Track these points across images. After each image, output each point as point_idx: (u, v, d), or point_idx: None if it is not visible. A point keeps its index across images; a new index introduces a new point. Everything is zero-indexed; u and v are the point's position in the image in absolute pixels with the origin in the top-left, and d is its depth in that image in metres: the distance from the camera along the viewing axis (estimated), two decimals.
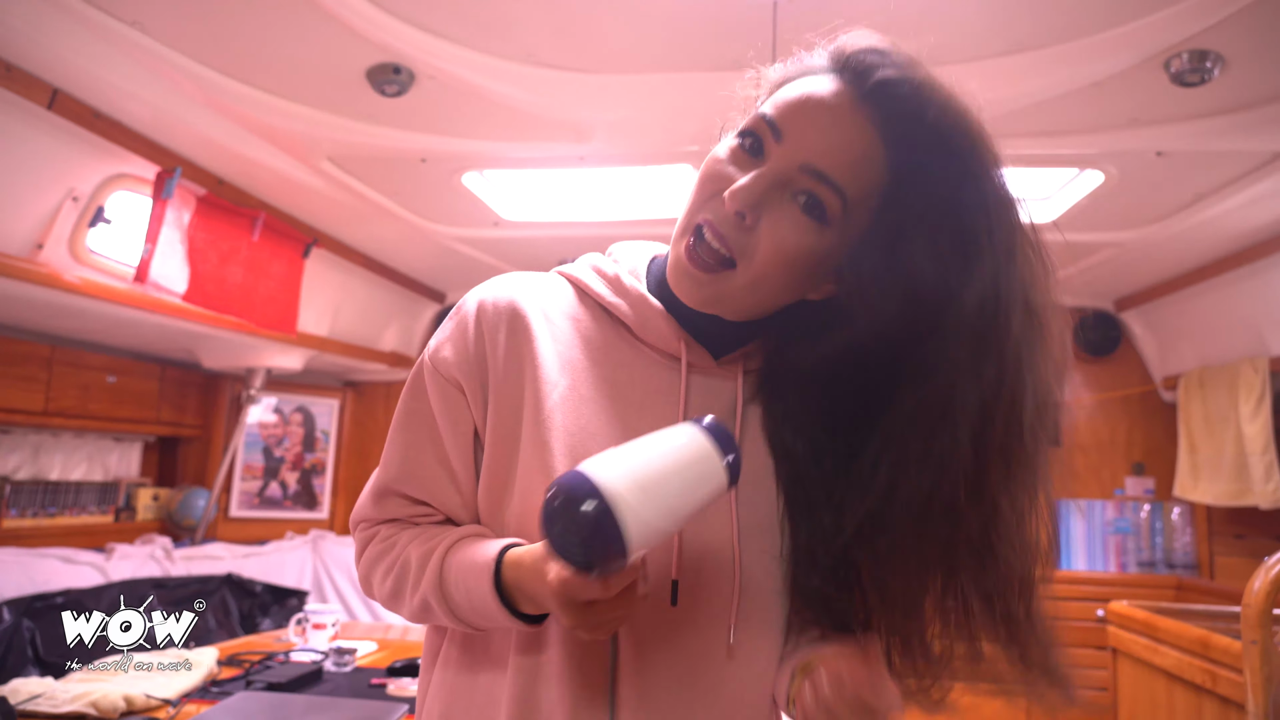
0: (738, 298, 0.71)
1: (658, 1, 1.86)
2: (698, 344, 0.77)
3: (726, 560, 0.74)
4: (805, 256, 0.69)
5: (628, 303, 0.78)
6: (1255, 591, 1.53)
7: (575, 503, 0.57)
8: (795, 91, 0.70)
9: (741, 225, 0.69)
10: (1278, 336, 3.18)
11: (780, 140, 0.68)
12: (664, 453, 0.62)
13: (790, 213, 0.68)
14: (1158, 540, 3.98)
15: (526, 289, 0.81)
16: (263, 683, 1.89)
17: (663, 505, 0.60)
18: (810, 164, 0.67)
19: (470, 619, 0.73)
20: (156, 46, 2.04)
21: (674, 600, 0.72)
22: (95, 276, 2.53)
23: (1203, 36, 1.87)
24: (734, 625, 0.73)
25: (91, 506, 3.48)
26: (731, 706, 0.73)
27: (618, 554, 0.58)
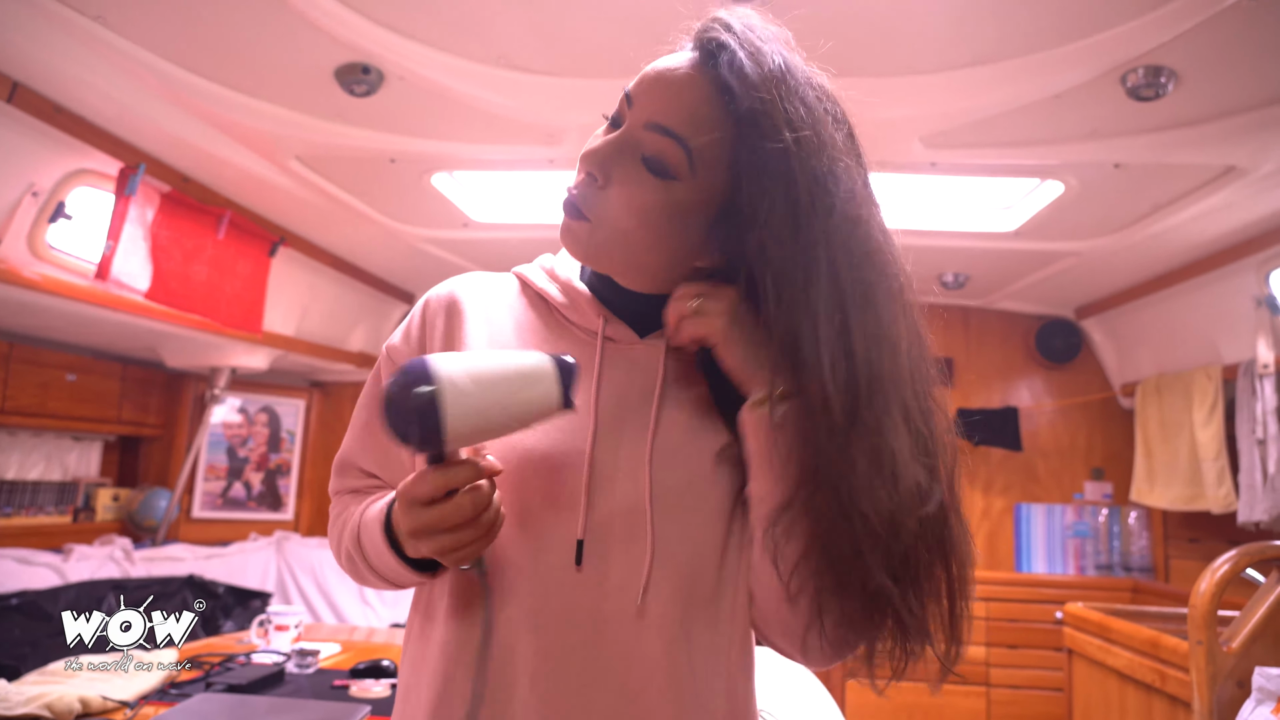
0: (609, 254, 0.77)
1: (629, 6, 1.87)
2: (620, 321, 0.82)
3: (639, 523, 0.74)
4: (657, 210, 0.73)
5: (558, 287, 0.85)
6: (1201, 594, 1.57)
7: (409, 383, 0.63)
8: (651, 66, 0.76)
9: (594, 185, 0.75)
10: (1231, 345, 3.26)
11: (632, 106, 0.75)
12: (506, 360, 0.68)
13: (636, 171, 0.74)
14: (1115, 544, 4.06)
15: (470, 284, 0.89)
16: (223, 684, 1.87)
17: (489, 397, 0.65)
18: (654, 121, 0.73)
19: (380, 570, 0.79)
20: (120, 41, 2.01)
21: (578, 560, 0.73)
22: (55, 273, 2.49)
23: (1157, 52, 1.92)
24: (645, 588, 0.72)
25: (49, 507, 3.42)
26: (642, 668, 0.72)
27: (435, 429, 0.63)
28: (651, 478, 0.75)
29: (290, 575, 3.96)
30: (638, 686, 0.71)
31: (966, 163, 2.60)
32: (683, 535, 0.74)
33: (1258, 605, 1.62)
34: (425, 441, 0.64)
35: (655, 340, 0.81)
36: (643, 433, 0.77)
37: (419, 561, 0.75)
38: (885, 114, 2.29)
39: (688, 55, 0.75)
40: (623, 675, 0.71)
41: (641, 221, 0.73)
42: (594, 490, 0.74)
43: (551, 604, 0.72)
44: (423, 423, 0.63)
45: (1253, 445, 3.09)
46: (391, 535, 0.75)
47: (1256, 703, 1.50)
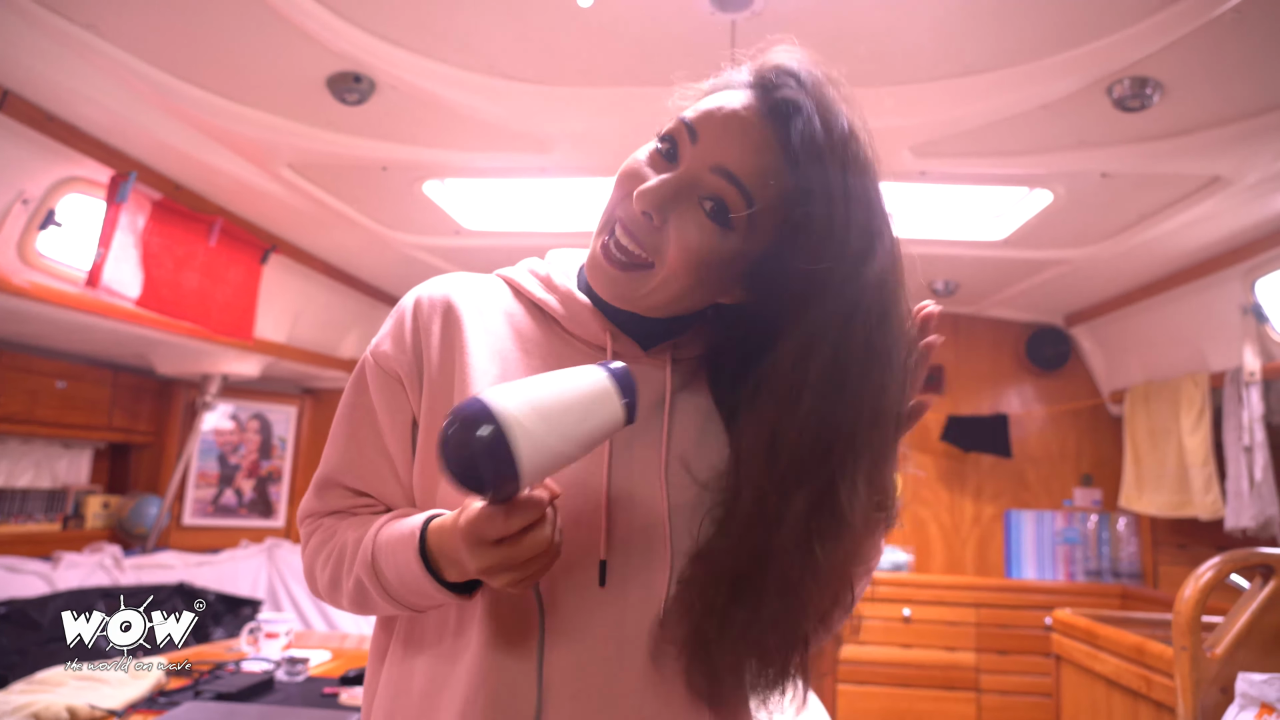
0: (650, 297, 0.75)
1: (619, 16, 1.88)
2: (625, 336, 0.81)
3: (658, 540, 0.74)
4: (710, 258, 0.72)
5: (557, 298, 0.82)
6: (1185, 600, 1.58)
7: (470, 425, 0.60)
8: (714, 101, 0.73)
9: (650, 225, 0.73)
10: (1218, 353, 3.28)
11: (695, 142, 0.72)
12: (562, 384, 0.65)
13: (696, 215, 0.72)
14: (1104, 550, 4.08)
15: (462, 286, 0.85)
16: (212, 693, 1.87)
17: (556, 430, 0.62)
18: (721, 164, 0.71)
19: (402, 596, 0.75)
20: (111, 49, 2.02)
21: (602, 581, 0.73)
22: (45, 280, 2.49)
23: (1143, 64, 1.94)
24: (665, 603, 0.73)
25: (38, 514, 3.40)
26: (659, 690, 0.72)
27: (509, 474, 0.60)
28: (668, 492, 0.75)
29: (281, 582, 3.95)
30: (660, 701, 0.72)
31: (956, 172, 2.62)
32: (698, 547, 0.74)
33: (1241, 611, 1.63)
34: (498, 488, 0.61)
35: (660, 353, 0.81)
36: (656, 447, 0.77)
37: (458, 588, 0.73)
38: (875, 123, 2.27)
39: (748, 97, 0.73)
40: (640, 697, 0.72)
41: (694, 268, 0.72)
42: (613, 507, 0.75)
43: (575, 623, 0.73)
44: (496, 469, 0.60)
45: (1239, 452, 3.11)
46: (425, 557, 0.72)
47: (1240, 708, 1.51)
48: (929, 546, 4.26)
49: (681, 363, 0.82)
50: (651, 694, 0.72)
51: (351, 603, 0.80)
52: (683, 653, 0.72)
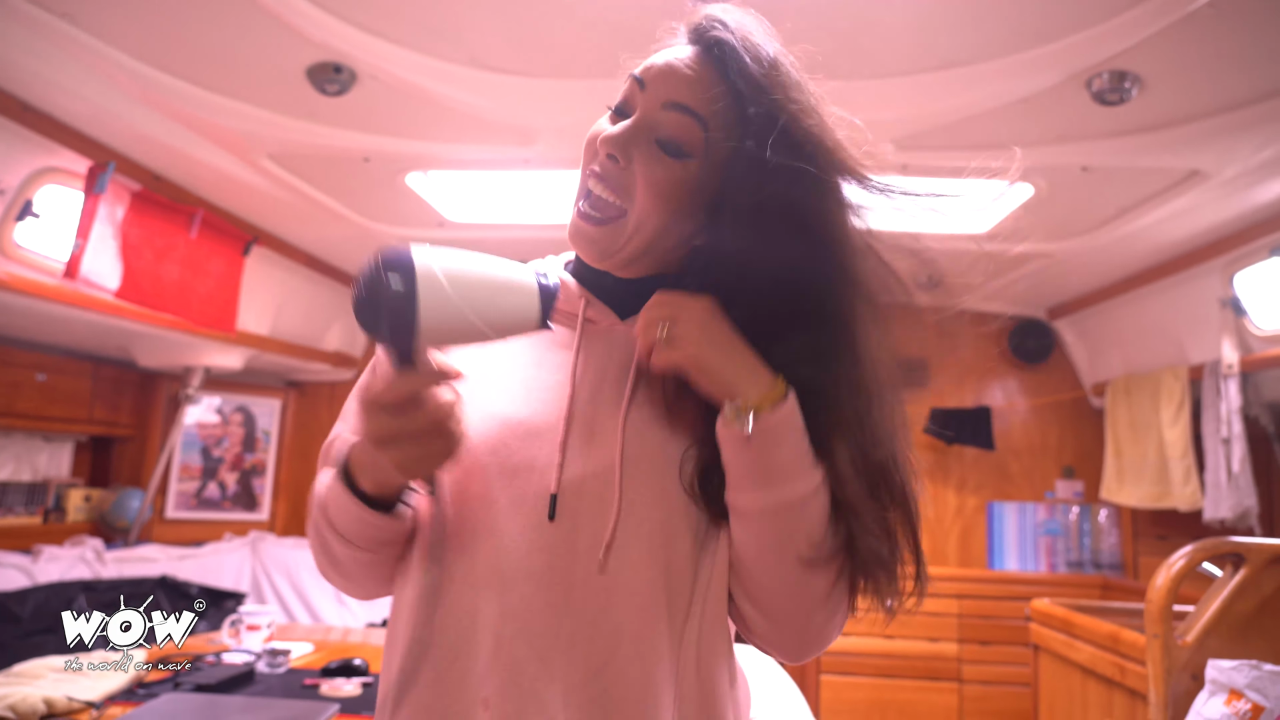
0: (629, 245, 0.80)
1: (602, 8, 1.88)
2: (601, 303, 0.86)
3: (610, 483, 0.76)
4: (676, 189, 0.78)
5: None
6: (1157, 588, 1.60)
7: (385, 267, 0.60)
8: (656, 56, 0.82)
9: (618, 168, 0.79)
10: (1197, 346, 3.31)
11: (644, 89, 0.79)
12: (491, 266, 0.65)
13: (656, 153, 0.78)
14: (1085, 541, 4.11)
15: None
16: (191, 684, 1.87)
17: (467, 298, 0.62)
18: (670, 99, 0.78)
19: (339, 524, 0.77)
20: (89, 39, 2.00)
21: (552, 515, 0.75)
22: (23, 272, 2.46)
23: (1121, 58, 1.96)
24: (609, 543, 0.74)
25: (18, 508, 3.38)
26: (610, 634, 0.73)
27: (407, 322, 0.60)
28: (624, 441, 0.77)
29: (265, 576, 3.94)
30: (604, 654, 0.72)
31: (937, 165, 2.63)
32: (656, 501, 0.76)
33: (1212, 599, 1.66)
34: (395, 335, 0.61)
35: (635, 321, 0.83)
36: (618, 403, 0.80)
37: (376, 505, 0.74)
38: (857, 116, 2.31)
39: (689, 45, 0.81)
40: (588, 641, 0.72)
41: (663, 201, 0.77)
42: (569, 451, 0.77)
43: (521, 563, 0.74)
44: (394, 317, 0.60)
45: (1218, 444, 3.14)
46: (349, 479, 0.75)
47: (1210, 695, 1.53)
48: None
49: None
50: (600, 641, 0.73)
51: (320, 556, 0.83)
52: None
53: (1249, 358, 3.02)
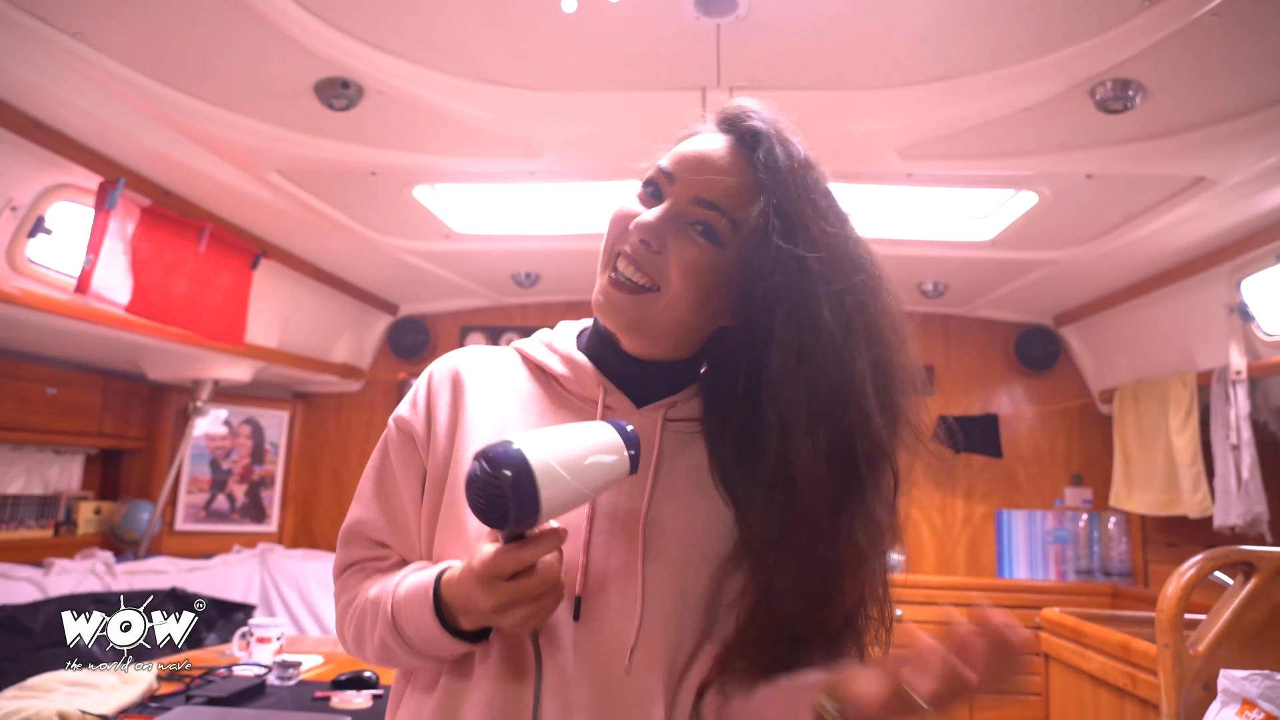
0: (659, 319, 0.82)
1: (606, 22, 1.89)
2: (618, 390, 0.87)
3: (631, 582, 0.78)
4: (708, 271, 0.81)
5: (558, 359, 0.90)
6: (1168, 597, 1.60)
7: (497, 464, 0.66)
8: (685, 146, 0.84)
9: (650, 252, 0.81)
10: (1205, 352, 3.30)
11: (674, 182, 0.82)
12: (577, 434, 0.72)
13: (690, 237, 0.81)
14: (1095, 549, 4.10)
15: (471, 357, 0.94)
16: (203, 697, 1.87)
17: (572, 474, 0.69)
18: (699, 196, 0.81)
19: (421, 649, 0.79)
20: (99, 57, 2.02)
21: (576, 616, 0.77)
22: (35, 287, 2.49)
23: (1125, 66, 1.96)
24: (635, 645, 0.77)
25: (30, 520, 3.40)
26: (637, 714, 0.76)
27: (531, 510, 0.66)
28: (645, 540, 0.79)
29: (274, 587, 3.94)
30: None
31: (942, 173, 2.64)
32: (669, 598, 0.79)
33: (1223, 608, 1.65)
34: (518, 523, 0.67)
35: (652, 411, 0.86)
36: (638, 496, 0.82)
37: (469, 633, 0.77)
38: (862, 126, 2.32)
39: (716, 134, 0.84)
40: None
41: (695, 282, 0.80)
42: (592, 549, 0.79)
43: (562, 662, 0.76)
44: (520, 505, 0.66)
45: (1227, 451, 3.13)
46: (439, 612, 0.77)
47: (1222, 704, 1.53)
48: (920, 547, 4.27)
49: (675, 424, 0.87)
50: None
51: (377, 659, 0.85)
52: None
53: (1257, 363, 3.01)
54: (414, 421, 0.89)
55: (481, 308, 4.54)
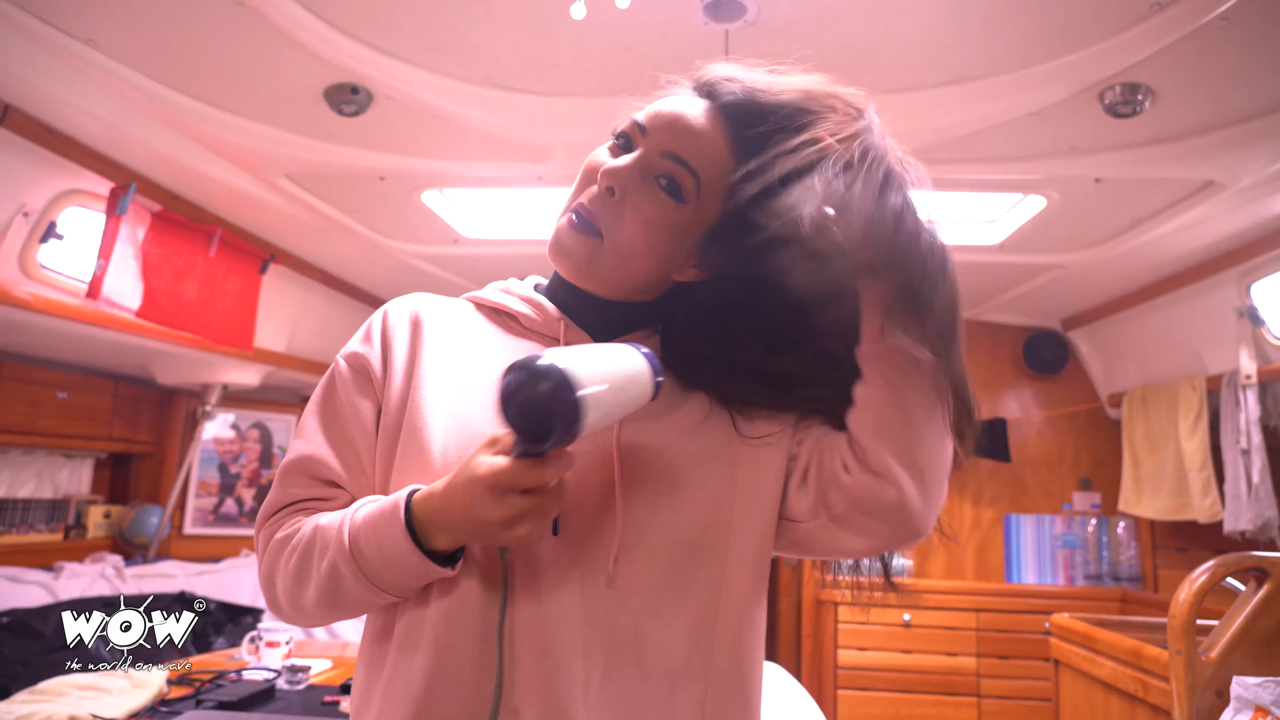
0: (608, 267, 0.83)
1: (614, 28, 1.90)
2: (577, 326, 0.87)
3: (609, 497, 0.79)
4: (665, 228, 0.81)
5: (516, 298, 0.90)
6: (1180, 604, 1.59)
7: (539, 377, 0.65)
8: (661, 103, 0.85)
9: (610, 201, 0.81)
10: (1214, 356, 3.29)
11: (645, 135, 0.82)
12: (612, 355, 0.72)
13: (651, 191, 0.81)
14: (1104, 554, 4.08)
15: (428, 299, 0.93)
16: (213, 701, 1.88)
17: (614, 392, 0.69)
18: (669, 150, 0.81)
19: (381, 574, 0.75)
20: (110, 64, 2.04)
21: (555, 530, 0.77)
22: (46, 292, 2.50)
23: (1133, 70, 1.96)
24: (615, 557, 0.77)
25: (40, 524, 3.42)
26: (615, 629, 0.76)
27: (574, 424, 0.65)
28: (619, 457, 0.80)
29: None
30: (620, 659, 0.75)
31: (949, 178, 2.63)
32: (651, 511, 0.79)
33: (1236, 615, 1.64)
34: (561, 439, 0.66)
35: None
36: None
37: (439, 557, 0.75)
38: None
39: (691, 95, 0.85)
40: (604, 648, 0.75)
41: (649, 236, 0.81)
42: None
43: (531, 579, 0.76)
44: (566, 423, 0.65)
45: (1237, 455, 3.11)
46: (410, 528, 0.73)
47: (1235, 712, 1.52)
48: (929, 551, 4.26)
49: None
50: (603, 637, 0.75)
51: (320, 595, 0.79)
52: None
53: (1267, 368, 3.00)
54: (369, 356, 0.87)
55: None
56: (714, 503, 0.80)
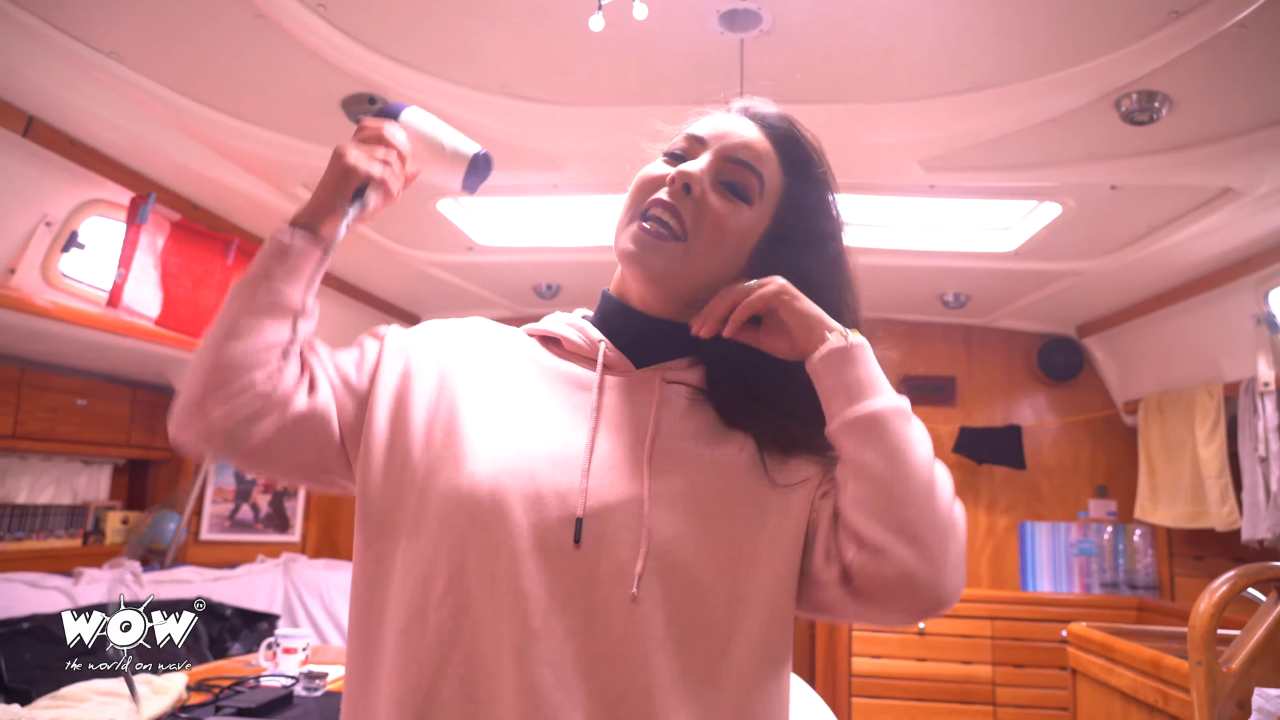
0: (684, 269, 0.84)
1: (630, 38, 1.91)
2: (616, 349, 0.88)
3: (636, 514, 0.76)
4: (736, 229, 0.85)
5: (559, 325, 0.93)
6: (1200, 614, 1.58)
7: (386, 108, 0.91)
8: (710, 119, 0.90)
9: (689, 199, 0.84)
10: (1232, 363, 3.27)
11: (705, 145, 0.87)
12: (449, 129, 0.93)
13: (721, 191, 0.85)
14: (1120, 562, 4.05)
15: (481, 324, 0.98)
16: (232, 708, 1.89)
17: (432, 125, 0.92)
18: (734, 155, 0.86)
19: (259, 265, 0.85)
20: (132, 75, 2.06)
21: (577, 539, 0.74)
22: (68, 301, 2.53)
23: (1151, 78, 1.96)
24: (640, 576, 0.74)
25: (59, 530, 3.44)
26: (623, 651, 0.73)
27: (398, 109, 0.91)
28: (650, 476, 0.78)
29: (297, 597, 3.97)
30: (623, 684, 0.72)
31: (965, 185, 2.63)
32: (677, 536, 0.76)
33: (1257, 626, 1.63)
34: (386, 114, 0.90)
35: (651, 372, 0.87)
36: (640, 444, 0.81)
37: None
38: (885, 138, 2.33)
39: (748, 119, 0.89)
40: (608, 670, 0.72)
41: (723, 236, 0.84)
42: (593, 479, 0.77)
43: (544, 589, 0.73)
44: (394, 108, 0.91)
45: (1255, 463, 3.09)
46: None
47: None
48: None
49: (675, 386, 0.87)
50: (620, 671, 0.72)
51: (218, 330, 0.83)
52: None
53: None
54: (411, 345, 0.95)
55: (503, 319, 4.53)
56: (738, 545, 0.78)
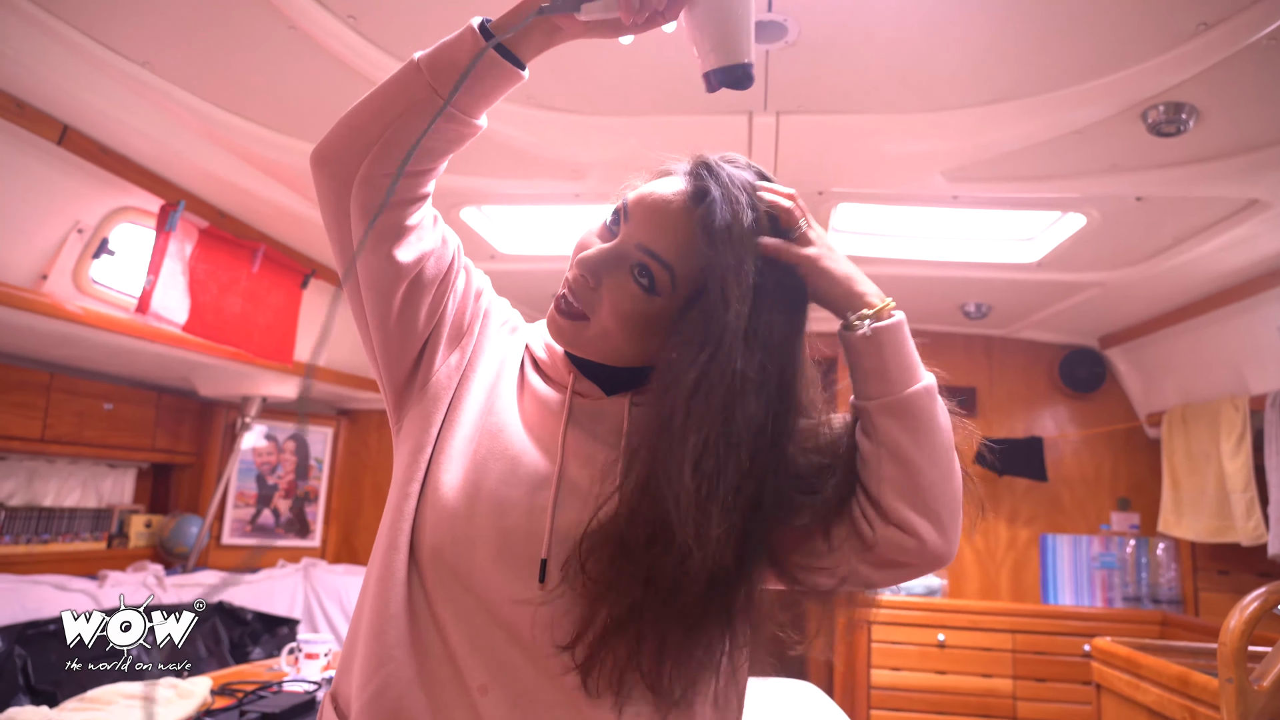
0: (594, 344, 0.89)
1: (655, 48, 1.92)
2: (587, 380, 0.94)
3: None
4: (636, 316, 0.85)
5: (543, 349, 1.00)
6: (1230, 630, 1.57)
7: None
8: (650, 187, 0.88)
9: (587, 286, 0.87)
10: (1258, 375, 3.24)
11: (628, 221, 0.87)
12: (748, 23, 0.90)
13: (626, 281, 0.85)
14: (1143, 576, 4.01)
15: (527, 334, 1.05)
16: (256, 713, 1.90)
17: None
18: (644, 244, 0.85)
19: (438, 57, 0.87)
20: (164, 85, 2.09)
21: (542, 578, 0.81)
22: (97, 307, 2.56)
23: (1178, 90, 1.94)
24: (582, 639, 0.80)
25: (85, 533, 3.48)
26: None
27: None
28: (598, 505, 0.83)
29: (317, 602, 3.99)
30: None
31: (988, 196, 2.62)
32: None
33: None
34: None
35: (620, 398, 0.92)
36: (613, 465, 0.85)
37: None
38: (908, 148, 2.33)
39: (680, 185, 0.86)
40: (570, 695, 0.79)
41: (623, 324, 0.85)
42: (557, 513, 0.83)
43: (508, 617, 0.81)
44: None
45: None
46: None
47: None
48: (963, 571, 4.21)
49: (638, 405, 0.91)
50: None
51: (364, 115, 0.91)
52: None
53: None
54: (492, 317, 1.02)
55: None
56: None
